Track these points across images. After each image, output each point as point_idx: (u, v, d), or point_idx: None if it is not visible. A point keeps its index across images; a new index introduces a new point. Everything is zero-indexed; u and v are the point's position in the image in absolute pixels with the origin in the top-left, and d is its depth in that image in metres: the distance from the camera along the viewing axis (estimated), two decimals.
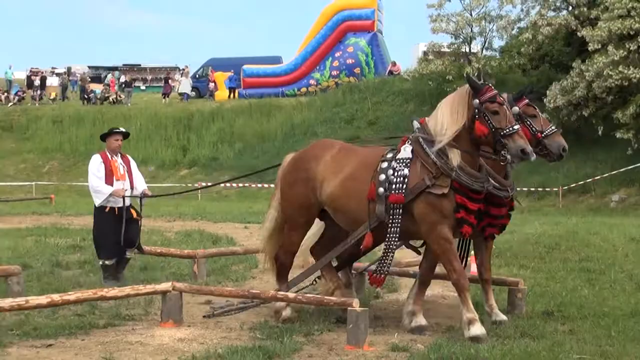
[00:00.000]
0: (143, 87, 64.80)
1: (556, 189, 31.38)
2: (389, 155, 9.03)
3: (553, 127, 9.63)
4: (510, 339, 8.52)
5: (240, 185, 37.30)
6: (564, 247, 15.39)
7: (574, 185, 31.57)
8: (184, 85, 55.07)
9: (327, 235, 10.12)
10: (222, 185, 36.13)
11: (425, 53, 47.04)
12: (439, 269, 10.06)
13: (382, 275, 9.05)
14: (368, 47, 49.91)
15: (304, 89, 49.96)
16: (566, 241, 15.97)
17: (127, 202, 12.03)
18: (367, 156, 9.45)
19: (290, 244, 9.95)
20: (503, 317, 9.41)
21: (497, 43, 43.52)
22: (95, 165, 12.08)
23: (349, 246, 9.53)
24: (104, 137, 12.55)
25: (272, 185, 29.96)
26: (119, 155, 12.39)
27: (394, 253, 9.03)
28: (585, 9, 36.24)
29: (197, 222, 22.77)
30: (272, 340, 8.50)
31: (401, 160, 8.83)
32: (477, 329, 8.44)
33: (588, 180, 31.41)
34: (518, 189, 11.26)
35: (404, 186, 8.65)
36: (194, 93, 55.42)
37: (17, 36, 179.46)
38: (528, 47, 38.93)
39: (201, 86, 56.53)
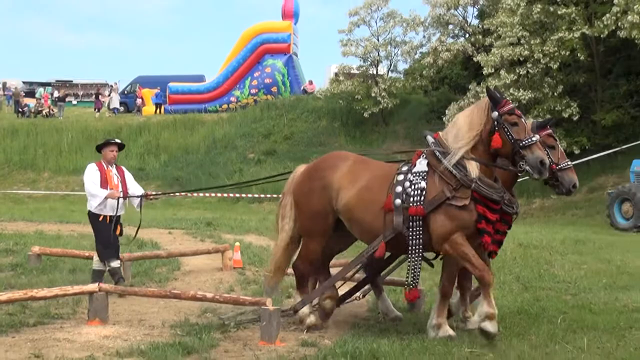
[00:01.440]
0: (74, 102, 64.08)
1: None
2: (404, 169, 8.64)
3: (568, 162, 9.14)
4: (409, 334, 8.59)
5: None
6: None
7: None
8: (114, 100, 54.80)
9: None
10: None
11: (336, 74, 47.37)
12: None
13: (416, 290, 8.60)
14: (284, 67, 50.01)
15: (225, 106, 49.74)
16: None
17: (121, 210, 11.70)
18: (382, 168, 9.06)
19: (309, 253, 9.35)
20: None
21: (402, 66, 44.01)
22: (91, 172, 11.61)
23: (364, 259, 9.11)
24: (99, 148, 11.97)
25: (195, 195, 29.68)
26: (114, 166, 11.89)
27: (420, 265, 8.49)
28: (480, 37, 36.98)
29: (125, 227, 22.35)
30: (191, 337, 8.45)
31: (417, 173, 8.43)
32: (491, 326, 8.09)
33: None
34: None
35: (422, 198, 8.26)
36: (122, 108, 54.99)
37: None
38: (429, 70, 39.55)
39: (129, 102, 55.97)
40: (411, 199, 8.30)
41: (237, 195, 34.55)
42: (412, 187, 8.35)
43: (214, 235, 20.18)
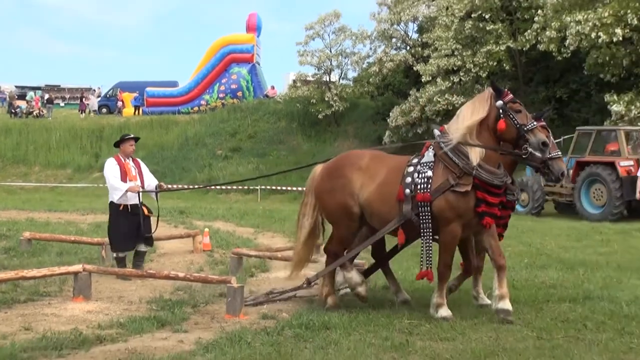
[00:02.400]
0: (62, 104, 63.27)
1: None
2: (415, 160, 8.35)
3: (559, 152, 8.67)
4: (356, 308, 8.58)
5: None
6: None
7: None
8: (94, 103, 54.65)
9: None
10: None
11: (294, 81, 47.27)
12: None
13: (430, 270, 8.26)
14: (248, 75, 49.91)
15: (196, 108, 49.48)
16: None
17: (139, 199, 11.23)
18: (396, 162, 8.67)
19: (341, 239, 8.89)
20: (487, 301, 8.80)
21: (351, 74, 43.96)
22: (111, 166, 11.16)
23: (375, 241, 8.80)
24: (118, 144, 11.49)
25: (169, 186, 29.55)
26: (131, 158, 11.42)
27: (432, 247, 8.24)
28: (419, 49, 37.10)
29: (107, 215, 22.20)
30: (165, 311, 8.43)
31: (425, 164, 8.18)
32: (444, 311, 8.03)
33: None
34: None
35: (429, 186, 8.00)
36: (104, 110, 54.62)
37: None
38: (375, 78, 39.55)
39: (111, 104, 55.33)
40: (419, 187, 8.07)
41: (207, 187, 34.38)
42: (420, 176, 8.12)
43: (186, 222, 20.09)
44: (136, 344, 6.94)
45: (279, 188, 34.31)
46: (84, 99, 55.74)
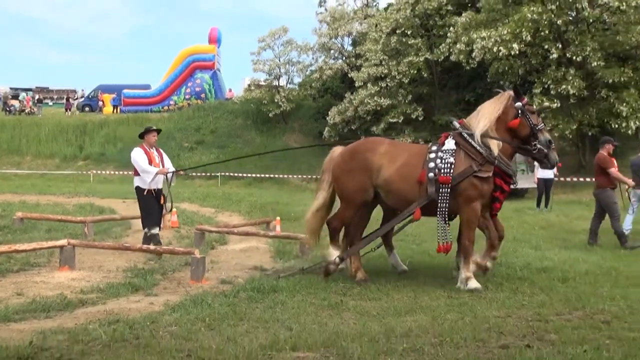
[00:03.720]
0: (51, 104, 61.93)
1: None
2: (434, 148, 8.00)
3: (553, 145, 8.47)
4: (300, 275, 8.54)
5: (124, 173, 36.12)
6: None
7: None
8: (72, 104, 53.77)
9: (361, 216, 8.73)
10: (110, 172, 34.65)
11: (249, 85, 47.00)
12: (253, 228, 10.01)
13: (448, 243, 7.93)
14: (210, 80, 49.52)
15: (166, 107, 48.92)
16: None
17: (161, 184, 10.71)
18: (415, 149, 8.37)
19: (344, 217, 8.50)
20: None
21: (297, 79, 43.89)
22: (140, 154, 10.59)
23: (404, 219, 8.25)
24: (142, 135, 10.88)
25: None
26: (154, 148, 10.89)
27: (446, 223, 7.92)
28: (353, 59, 37.21)
29: (89, 197, 21.92)
30: (139, 278, 8.34)
31: (446, 151, 7.86)
32: (474, 284, 7.68)
33: None
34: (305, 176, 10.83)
35: (451, 171, 7.71)
36: (87, 109, 53.55)
37: None
38: (317, 83, 39.60)
39: (93, 104, 54.35)
40: (442, 171, 7.77)
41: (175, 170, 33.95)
42: (442, 162, 7.81)
43: None
44: (113, 306, 6.85)
45: (236, 174, 34.14)
46: (69, 99, 54.72)
